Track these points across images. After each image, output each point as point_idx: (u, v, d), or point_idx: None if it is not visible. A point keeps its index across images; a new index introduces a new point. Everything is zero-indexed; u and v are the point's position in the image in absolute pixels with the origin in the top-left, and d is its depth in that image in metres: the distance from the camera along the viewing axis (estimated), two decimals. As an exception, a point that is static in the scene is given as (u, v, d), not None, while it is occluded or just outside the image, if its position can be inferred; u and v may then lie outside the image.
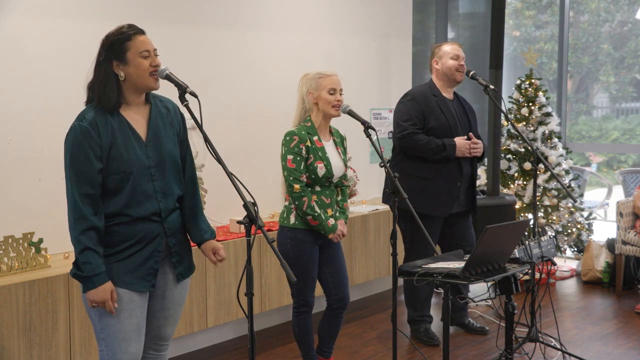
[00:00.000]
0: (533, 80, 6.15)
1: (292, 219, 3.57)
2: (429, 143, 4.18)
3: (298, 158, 3.49)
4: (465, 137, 4.27)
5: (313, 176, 3.52)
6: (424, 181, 4.26)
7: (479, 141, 4.30)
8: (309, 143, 3.51)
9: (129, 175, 2.57)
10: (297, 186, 3.48)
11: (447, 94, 4.37)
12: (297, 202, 3.50)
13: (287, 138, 3.53)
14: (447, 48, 4.34)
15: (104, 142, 2.54)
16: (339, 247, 3.73)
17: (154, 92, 2.72)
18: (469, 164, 4.35)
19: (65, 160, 2.55)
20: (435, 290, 5.03)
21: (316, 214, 3.50)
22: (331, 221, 3.56)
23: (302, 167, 3.49)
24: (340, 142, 3.71)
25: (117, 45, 2.57)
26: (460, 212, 4.42)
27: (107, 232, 2.57)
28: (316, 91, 3.54)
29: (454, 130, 4.26)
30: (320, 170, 3.51)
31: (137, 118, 2.65)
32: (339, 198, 3.72)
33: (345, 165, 3.66)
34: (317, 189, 3.56)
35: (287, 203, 3.61)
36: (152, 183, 2.63)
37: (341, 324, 3.82)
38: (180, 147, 2.78)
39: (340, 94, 3.57)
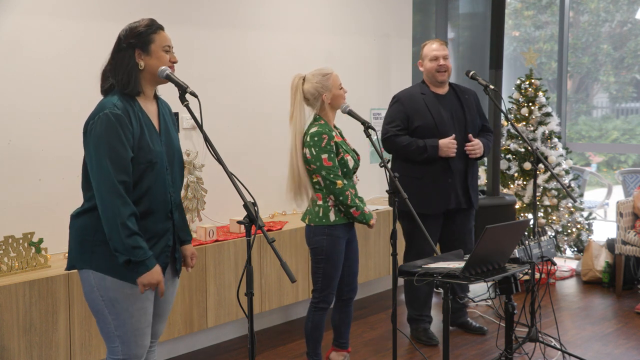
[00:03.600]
0: (533, 80, 6.15)
1: (333, 216, 3.62)
2: (410, 145, 4.21)
3: (332, 155, 3.58)
4: (452, 136, 4.23)
5: (345, 169, 3.62)
6: (415, 180, 4.28)
7: (475, 142, 4.27)
8: (336, 139, 3.61)
9: (154, 165, 2.61)
10: (339, 182, 3.57)
11: (439, 90, 4.37)
12: (341, 198, 3.57)
13: (316, 139, 3.56)
14: (427, 49, 4.36)
15: (135, 130, 2.57)
16: (356, 240, 3.85)
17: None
18: (462, 159, 4.32)
19: (97, 149, 2.52)
20: (435, 290, 5.03)
21: (358, 205, 3.62)
22: (367, 209, 3.68)
23: (336, 163, 3.59)
24: (341, 133, 3.83)
25: (144, 36, 2.64)
26: (460, 211, 4.41)
27: None
28: (329, 92, 3.64)
29: (441, 127, 4.23)
30: (350, 162, 3.63)
31: (150, 110, 2.71)
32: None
33: (357, 154, 3.79)
34: (345, 182, 3.68)
35: (321, 202, 3.63)
36: (167, 176, 2.68)
37: (352, 313, 3.92)
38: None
39: None
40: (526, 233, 4.81)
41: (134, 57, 2.63)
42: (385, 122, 4.34)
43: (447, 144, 4.21)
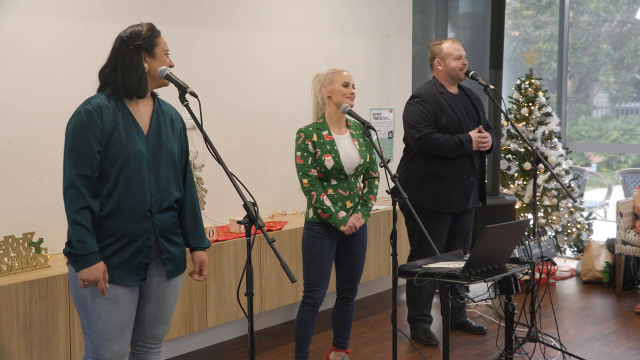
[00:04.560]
0: (533, 80, 6.15)
1: (311, 213, 3.69)
2: (447, 141, 4.16)
3: (305, 154, 3.61)
4: (477, 130, 4.26)
5: (323, 169, 3.61)
6: (438, 178, 4.25)
7: (487, 134, 4.28)
8: (315, 138, 3.61)
9: (126, 162, 2.62)
10: (305, 181, 3.62)
11: (452, 90, 4.36)
12: (307, 197, 3.63)
13: (296, 136, 3.66)
14: (448, 48, 4.30)
15: (106, 126, 2.60)
16: (360, 242, 3.80)
17: (158, 94, 2.83)
18: (479, 158, 4.35)
19: (66, 143, 2.61)
20: (436, 290, 5.03)
21: (325, 207, 3.59)
22: (342, 214, 3.62)
23: (309, 162, 3.60)
24: (359, 134, 3.76)
25: (150, 40, 2.68)
26: (468, 209, 4.43)
27: (97, 224, 2.61)
28: (330, 85, 3.67)
29: (464, 124, 4.25)
30: (328, 163, 3.59)
31: (141, 112, 2.72)
32: (365, 190, 3.79)
33: (362, 156, 3.69)
34: (333, 182, 3.65)
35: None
36: (148, 176, 2.67)
37: (352, 313, 3.90)
38: (181, 153, 2.83)
39: (353, 88, 3.71)
40: (526, 233, 4.81)
41: (142, 61, 2.67)
42: (414, 120, 4.22)
43: (479, 138, 4.21)
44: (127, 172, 2.62)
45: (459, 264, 3.11)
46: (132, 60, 2.66)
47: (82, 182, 2.55)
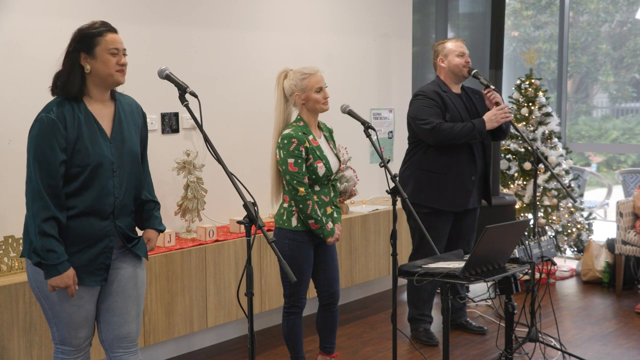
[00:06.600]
0: (533, 80, 6.15)
1: (294, 222, 3.51)
2: (455, 127, 4.11)
3: (299, 161, 3.43)
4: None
5: (314, 176, 3.47)
6: (439, 176, 4.23)
7: (506, 106, 4.25)
8: (307, 144, 3.46)
9: (91, 168, 2.63)
10: (302, 189, 3.42)
11: (455, 89, 4.36)
12: (301, 206, 3.44)
13: (285, 141, 3.44)
14: (451, 46, 4.31)
15: (70, 134, 2.60)
16: (333, 245, 3.70)
17: (118, 90, 2.81)
18: (482, 158, 4.34)
19: (29, 150, 2.61)
20: (437, 290, 5.03)
21: (319, 218, 3.47)
22: (330, 225, 3.54)
23: (303, 170, 3.44)
24: (330, 136, 3.67)
25: (88, 39, 2.64)
26: (472, 209, 4.42)
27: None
28: (303, 93, 3.49)
29: (466, 122, 4.24)
30: (321, 169, 3.47)
31: (103, 113, 2.72)
32: (332, 195, 3.67)
33: (339, 160, 3.64)
34: (317, 188, 3.53)
35: (286, 205, 3.55)
36: (112, 179, 2.69)
37: (337, 318, 3.79)
38: (140, 145, 2.86)
39: (325, 87, 3.53)
40: (526, 233, 4.81)
41: (78, 61, 2.64)
42: (422, 114, 4.17)
43: (493, 112, 4.15)
44: (93, 177, 2.64)
45: (459, 264, 3.11)
46: (71, 63, 2.65)
47: (49, 192, 2.56)
